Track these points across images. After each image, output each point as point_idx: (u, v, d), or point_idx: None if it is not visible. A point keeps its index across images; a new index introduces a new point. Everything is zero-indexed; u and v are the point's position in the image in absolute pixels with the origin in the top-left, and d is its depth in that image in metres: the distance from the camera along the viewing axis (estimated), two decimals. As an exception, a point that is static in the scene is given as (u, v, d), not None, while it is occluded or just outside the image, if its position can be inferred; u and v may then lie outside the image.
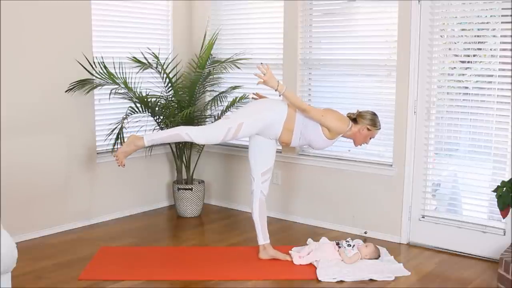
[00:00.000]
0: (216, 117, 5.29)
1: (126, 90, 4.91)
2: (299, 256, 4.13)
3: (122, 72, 4.88)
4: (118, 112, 5.08)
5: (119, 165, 3.88)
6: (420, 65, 4.43)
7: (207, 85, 5.41)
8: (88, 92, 4.85)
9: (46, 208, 4.74)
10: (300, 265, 4.09)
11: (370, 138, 4.06)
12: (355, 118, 3.99)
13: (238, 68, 5.24)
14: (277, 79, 3.86)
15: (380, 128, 4.05)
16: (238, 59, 5.20)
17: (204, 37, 5.44)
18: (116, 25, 5.18)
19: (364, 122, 3.97)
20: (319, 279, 3.84)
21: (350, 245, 4.15)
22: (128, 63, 4.98)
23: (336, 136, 3.97)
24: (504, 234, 4.20)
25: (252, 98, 4.25)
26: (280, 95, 3.87)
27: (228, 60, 5.22)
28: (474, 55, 4.34)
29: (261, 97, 4.22)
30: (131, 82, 4.94)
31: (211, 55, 5.33)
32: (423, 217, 4.57)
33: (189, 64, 5.59)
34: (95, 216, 5.13)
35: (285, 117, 3.93)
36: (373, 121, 3.99)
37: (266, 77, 3.81)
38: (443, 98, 4.44)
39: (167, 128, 5.15)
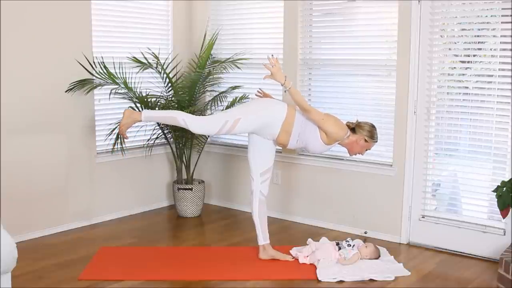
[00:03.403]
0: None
1: (126, 90, 4.91)
2: (304, 256, 4.14)
3: (122, 72, 4.88)
4: (118, 112, 5.07)
5: (123, 137, 3.98)
6: (420, 65, 4.43)
7: (207, 85, 5.41)
8: (88, 92, 4.85)
9: (46, 208, 4.74)
10: (301, 264, 4.10)
11: (366, 150, 4.06)
12: (353, 128, 3.99)
13: (238, 68, 5.24)
14: (284, 74, 3.84)
15: (377, 141, 4.05)
16: (238, 59, 5.20)
17: (204, 37, 5.44)
18: (116, 25, 5.18)
19: (362, 133, 3.97)
20: (319, 279, 3.85)
21: (350, 245, 4.15)
22: (128, 63, 4.98)
23: (333, 142, 3.96)
24: (504, 234, 4.20)
25: (256, 94, 4.25)
26: (285, 91, 3.86)
27: (228, 60, 5.22)
28: (474, 55, 4.34)
29: (264, 94, 4.22)
30: (131, 82, 4.94)
31: (211, 55, 5.33)
32: (423, 217, 4.57)
33: (189, 64, 5.59)
34: (95, 216, 5.13)
35: (284, 118, 3.91)
36: (371, 133, 3.99)
37: (274, 69, 3.79)
38: (443, 98, 4.44)
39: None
